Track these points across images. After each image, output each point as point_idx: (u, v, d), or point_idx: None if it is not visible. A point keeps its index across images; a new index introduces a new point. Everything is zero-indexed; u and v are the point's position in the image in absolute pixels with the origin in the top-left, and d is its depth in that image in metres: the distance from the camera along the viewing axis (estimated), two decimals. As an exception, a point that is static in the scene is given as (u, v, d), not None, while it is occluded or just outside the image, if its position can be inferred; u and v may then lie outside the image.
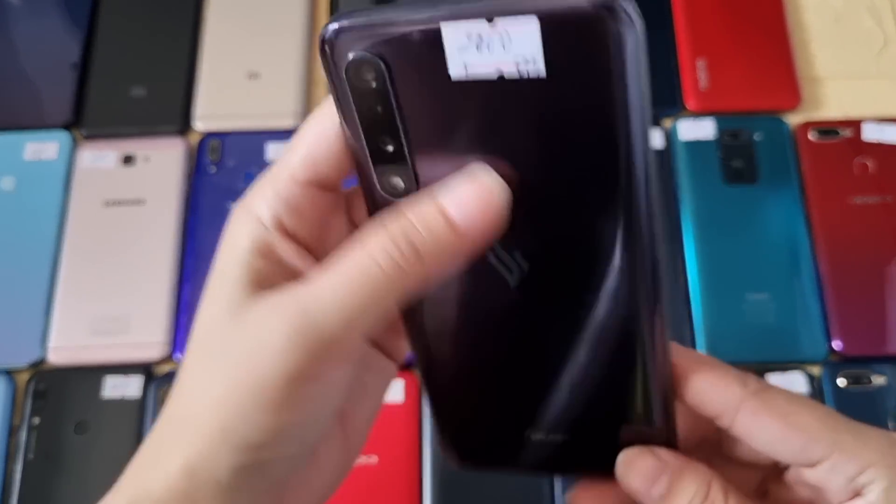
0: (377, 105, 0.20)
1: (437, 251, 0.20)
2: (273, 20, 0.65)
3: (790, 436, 0.24)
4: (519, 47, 0.18)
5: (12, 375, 0.55)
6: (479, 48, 0.18)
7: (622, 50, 0.17)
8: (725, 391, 0.24)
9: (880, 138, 0.60)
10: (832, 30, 0.65)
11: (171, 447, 0.22)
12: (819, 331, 0.54)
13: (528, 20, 0.17)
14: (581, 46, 0.17)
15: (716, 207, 0.58)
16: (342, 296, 0.20)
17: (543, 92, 0.18)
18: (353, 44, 0.19)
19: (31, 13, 0.65)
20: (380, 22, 0.19)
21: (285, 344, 0.20)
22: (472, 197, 0.20)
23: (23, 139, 0.61)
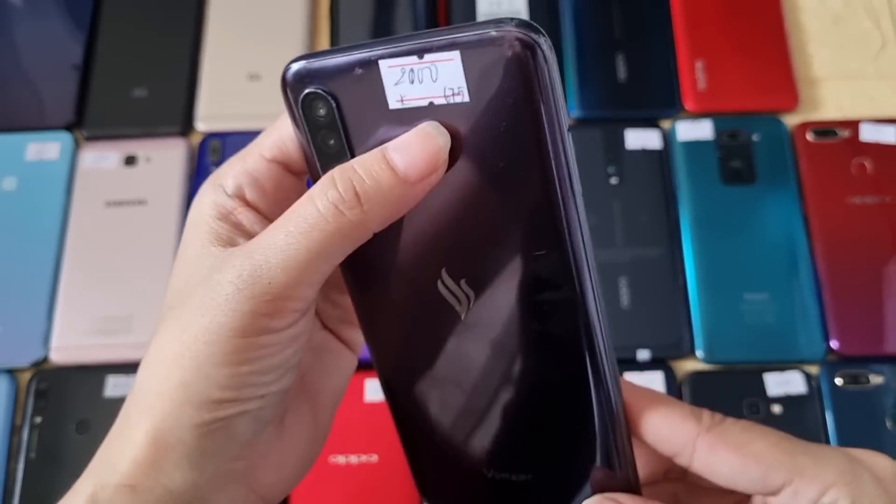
0: (328, 134, 0.22)
1: (378, 193, 0.20)
2: (274, 22, 0.65)
3: (749, 466, 0.24)
4: (446, 79, 0.20)
5: (14, 375, 0.55)
6: (413, 81, 0.20)
7: (531, 73, 0.19)
8: (681, 427, 0.24)
9: (878, 139, 0.60)
10: (830, 31, 0.65)
11: (136, 418, 0.22)
12: (817, 330, 0.55)
13: (451, 55, 0.20)
14: (496, 73, 0.20)
15: (714, 208, 0.58)
16: (283, 242, 0.20)
17: (468, 115, 0.20)
18: (307, 82, 0.22)
19: (33, 14, 0.66)
20: (329, 62, 0.21)
21: (234, 294, 0.21)
22: (414, 142, 0.21)
23: (25, 140, 0.61)
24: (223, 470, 0.23)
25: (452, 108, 0.20)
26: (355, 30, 0.65)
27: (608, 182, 0.59)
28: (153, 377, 0.22)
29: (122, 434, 0.23)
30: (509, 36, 0.19)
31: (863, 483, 0.23)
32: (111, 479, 0.22)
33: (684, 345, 0.55)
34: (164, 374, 0.22)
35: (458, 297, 0.23)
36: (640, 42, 0.64)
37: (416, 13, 0.65)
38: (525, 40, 0.19)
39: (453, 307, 0.23)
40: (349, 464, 0.51)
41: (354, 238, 0.21)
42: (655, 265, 0.57)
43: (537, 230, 0.21)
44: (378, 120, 0.21)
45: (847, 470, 0.23)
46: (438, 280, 0.23)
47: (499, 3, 0.65)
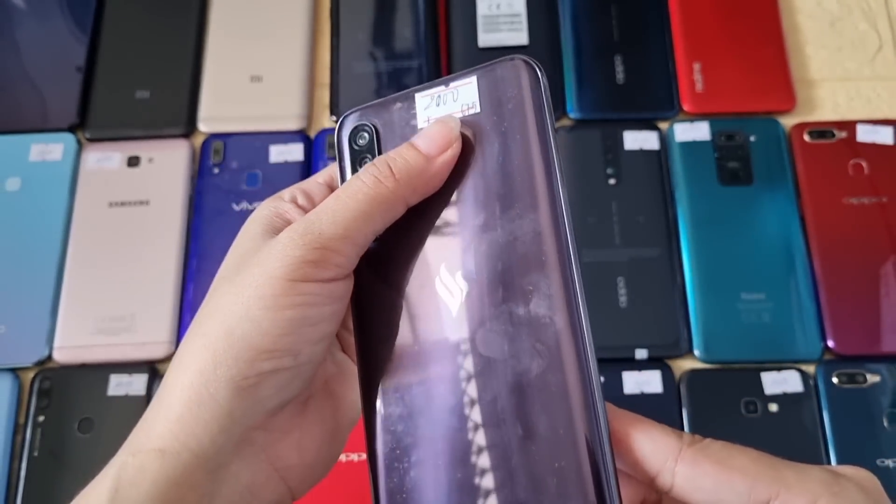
0: (367, 158, 0.27)
1: (407, 166, 0.25)
2: (276, 24, 0.66)
3: (733, 479, 0.24)
4: (464, 98, 0.26)
5: (18, 374, 0.55)
6: (438, 104, 0.27)
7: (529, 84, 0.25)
8: (663, 443, 0.24)
9: (874, 140, 0.60)
10: (827, 33, 0.66)
11: (174, 378, 0.24)
12: (814, 330, 0.55)
13: (470, 79, 0.26)
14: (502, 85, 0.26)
15: (711, 208, 0.58)
16: (333, 203, 0.25)
17: (479, 122, 0.26)
18: (355, 120, 0.28)
19: (36, 16, 0.66)
20: (374, 104, 0.28)
21: (287, 243, 0.24)
22: (434, 129, 0.26)
23: (28, 140, 0.62)
24: (248, 437, 0.24)
25: (467, 119, 0.26)
26: (356, 32, 0.66)
27: (606, 183, 0.60)
28: (199, 333, 0.24)
29: (159, 398, 0.24)
30: (516, 60, 0.26)
31: (849, 493, 0.23)
32: (144, 444, 0.24)
33: (682, 344, 0.55)
34: (213, 327, 0.24)
35: (453, 291, 0.25)
36: (638, 44, 0.64)
37: (417, 14, 0.66)
38: (526, 61, 0.26)
39: (446, 304, 0.25)
40: (350, 461, 0.52)
41: (391, 203, 0.25)
42: (653, 265, 0.57)
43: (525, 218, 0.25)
44: (406, 137, 0.27)
45: (832, 482, 0.23)
46: (437, 277, 0.26)
47: (498, 5, 0.66)
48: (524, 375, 0.24)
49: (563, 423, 0.24)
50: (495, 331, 0.24)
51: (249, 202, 0.60)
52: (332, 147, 0.29)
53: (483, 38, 0.65)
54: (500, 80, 0.26)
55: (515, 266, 0.25)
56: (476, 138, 0.26)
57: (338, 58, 0.65)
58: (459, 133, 0.26)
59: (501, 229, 0.25)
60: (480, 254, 0.25)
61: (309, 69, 0.65)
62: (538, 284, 0.24)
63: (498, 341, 0.24)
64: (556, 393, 0.24)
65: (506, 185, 0.25)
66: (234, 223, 0.59)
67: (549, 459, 0.24)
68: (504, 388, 0.24)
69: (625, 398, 0.53)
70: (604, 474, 0.23)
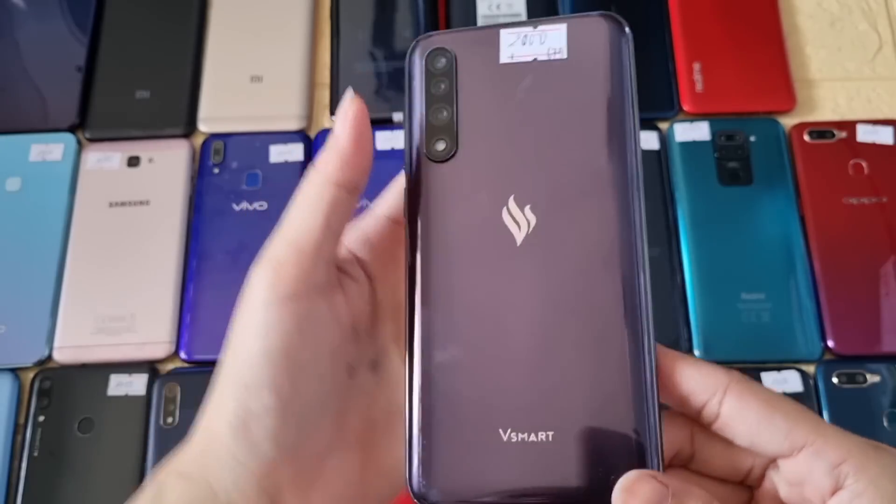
0: (441, 81, 0.27)
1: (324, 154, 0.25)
2: (276, 24, 0.66)
3: (775, 418, 0.24)
4: (551, 42, 0.26)
5: (18, 373, 0.55)
6: (524, 43, 0.27)
7: (618, 40, 0.26)
8: (713, 375, 0.24)
9: (875, 140, 0.60)
10: (827, 33, 0.66)
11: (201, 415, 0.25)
12: (814, 330, 0.55)
13: (560, 25, 0.26)
14: (592, 37, 0.26)
15: (711, 208, 0.58)
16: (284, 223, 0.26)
17: (564, 69, 0.26)
18: (435, 43, 0.27)
19: (36, 17, 0.66)
20: (457, 32, 0.28)
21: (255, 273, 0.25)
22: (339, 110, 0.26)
23: (28, 141, 0.62)
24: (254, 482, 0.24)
25: (551, 64, 0.26)
26: (356, 32, 0.66)
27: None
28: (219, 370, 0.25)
29: (197, 422, 0.25)
30: (607, 16, 0.26)
31: (884, 460, 0.23)
32: (177, 466, 0.25)
33: (682, 344, 0.55)
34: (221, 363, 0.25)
35: (520, 223, 0.26)
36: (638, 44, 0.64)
37: (417, 14, 0.66)
38: (618, 19, 0.26)
39: (512, 234, 0.25)
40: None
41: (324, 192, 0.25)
42: (653, 265, 0.57)
43: (603, 166, 0.25)
44: (486, 71, 0.27)
45: (870, 446, 0.24)
46: (504, 207, 0.26)
47: (498, 5, 0.66)
48: (583, 302, 0.25)
49: (615, 355, 0.24)
50: (555, 266, 0.25)
51: (249, 202, 0.60)
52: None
53: (483, 38, 0.65)
54: (590, 32, 0.26)
55: (585, 207, 0.25)
56: (558, 83, 0.26)
57: (338, 58, 0.65)
58: (351, 96, 0.26)
59: (575, 173, 0.25)
60: (550, 190, 0.25)
61: (309, 69, 0.65)
62: (606, 226, 0.25)
63: (561, 269, 0.25)
64: (610, 324, 0.24)
65: (584, 132, 0.26)
66: (234, 223, 0.59)
67: (597, 387, 0.24)
68: (561, 312, 0.25)
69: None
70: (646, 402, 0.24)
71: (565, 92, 0.26)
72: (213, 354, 0.56)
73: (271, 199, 0.60)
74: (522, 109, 0.26)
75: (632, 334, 0.24)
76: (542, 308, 0.25)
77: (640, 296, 0.24)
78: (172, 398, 0.54)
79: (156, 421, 0.53)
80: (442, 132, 0.27)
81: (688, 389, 0.25)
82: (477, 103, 0.27)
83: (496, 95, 0.27)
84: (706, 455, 0.26)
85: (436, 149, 0.26)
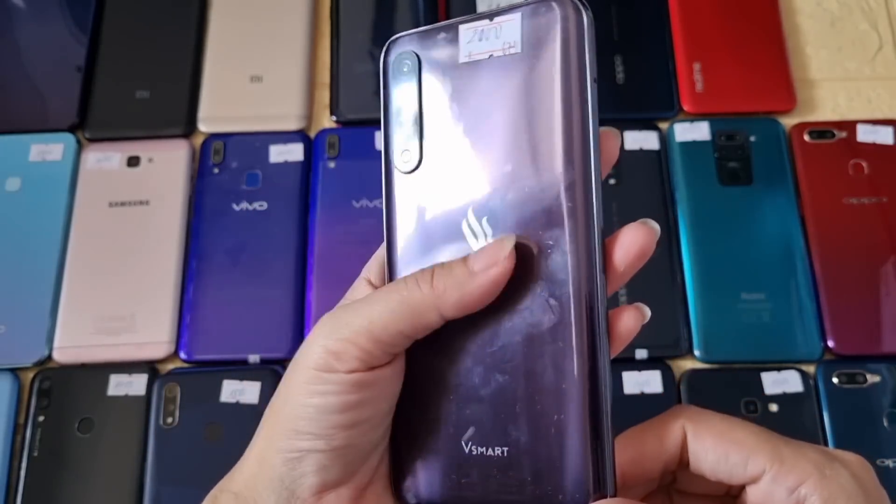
0: (408, 86, 0.27)
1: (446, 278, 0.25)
2: (275, 24, 0.66)
3: (731, 451, 0.25)
4: (506, 34, 0.25)
5: (18, 374, 0.55)
6: (481, 39, 0.26)
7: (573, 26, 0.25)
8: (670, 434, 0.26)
9: (875, 140, 0.60)
10: (828, 32, 0.66)
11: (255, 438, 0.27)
12: (814, 330, 0.55)
13: (514, 15, 0.25)
14: (546, 26, 0.25)
15: (711, 208, 0.58)
16: (369, 299, 0.26)
17: (518, 62, 0.25)
18: (400, 46, 0.28)
19: (36, 17, 0.66)
20: (419, 32, 0.27)
21: (320, 332, 0.25)
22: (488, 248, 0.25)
23: (28, 141, 0.62)
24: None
25: (507, 59, 0.26)
26: (356, 32, 0.66)
27: (607, 182, 0.60)
28: (269, 407, 0.27)
29: (247, 450, 0.27)
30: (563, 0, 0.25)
31: (839, 476, 0.24)
32: (229, 486, 0.27)
33: (682, 344, 0.55)
34: (272, 403, 0.27)
35: (477, 234, 0.26)
36: (638, 44, 0.64)
37: (417, 14, 0.66)
38: (575, 3, 0.25)
39: (470, 247, 0.26)
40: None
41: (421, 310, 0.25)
42: (653, 265, 0.57)
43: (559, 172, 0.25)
44: (447, 72, 0.27)
45: (825, 464, 0.24)
46: (464, 219, 0.26)
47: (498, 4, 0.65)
48: (535, 327, 0.25)
49: (563, 379, 0.24)
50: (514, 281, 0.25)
51: (249, 202, 0.60)
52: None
53: (483, 38, 0.65)
54: (542, 20, 0.25)
55: (539, 218, 0.25)
56: (513, 82, 0.25)
57: (338, 58, 0.65)
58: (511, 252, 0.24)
59: (528, 178, 0.25)
60: (506, 201, 0.25)
61: (309, 69, 0.65)
62: (558, 240, 0.25)
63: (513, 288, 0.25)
64: (560, 349, 0.24)
65: (537, 134, 0.25)
66: (234, 223, 0.59)
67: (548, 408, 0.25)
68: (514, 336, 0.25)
69: (625, 398, 0.53)
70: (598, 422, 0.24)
71: (520, 91, 0.25)
72: (212, 354, 0.56)
73: (271, 199, 0.60)
74: (480, 114, 0.26)
75: (586, 357, 0.24)
76: (501, 328, 0.25)
77: (595, 317, 0.24)
78: (172, 398, 0.54)
79: (156, 421, 0.53)
80: (408, 143, 0.27)
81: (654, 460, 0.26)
82: (438, 111, 0.27)
83: (456, 100, 0.26)
84: (686, 478, 0.28)
85: (403, 160, 0.27)
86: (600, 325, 0.24)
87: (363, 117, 0.63)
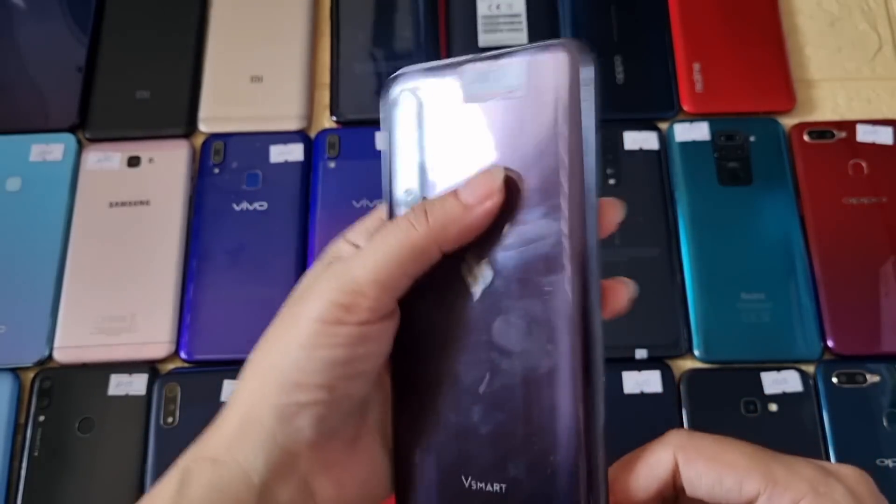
0: (410, 125, 0.27)
1: (443, 216, 0.25)
2: (276, 24, 0.66)
3: (724, 475, 0.25)
4: (510, 78, 0.25)
5: (18, 373, 0.55)
6: (485, 80, 0.26)
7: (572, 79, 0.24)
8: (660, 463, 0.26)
9: (874, 140, 0.60)
10: (827, 33, 0.66)
11: (233, 401, 0.27)
12: (814, 330, 0.55)
13: (518, 59, 0.25)
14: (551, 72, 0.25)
15: (711, 208, 0.58)
16: (368, 249, 0.26)
17: (520, 107, 0.25)
18: (402, 83, 0.28)
19: (37, 17, 0.66)
20: (422, 69, 0.27)
21: (324, 286, 0.25)
22: (478, 179, 0.25)
23: (28, 141, 0.62)
24: (291, 462, 0.26)
25: (510, 104, 0.25)
26: (356, 32, 0.66)
27: (606, 183, 0.60)
28: (256, 361, 0.27)
29: (222, 415, 0.27)
30: (567, 46, 0.25)
31: (835, 493, 0.24)
32: (203, 452, 0.26)
33: (682, 344, 0.55)
34: (263, 356, 0.26)
35: (476, 277, 0.26)
36: (638, 44, 0.64)
37: (417, 14, 0.66)
38: (578, 49, 0.25)
39: (469, 288, 0.26)
40: None
41: (421, 249, 0.25)
42: (653, 265, 0.57)
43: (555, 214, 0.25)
44: (449, 113, 0.26)
45: (821, 480, 0.24)
46: (462, 262, 0.26)
47: (498, 6, 0.66)
48: (532, 372, 0.25)
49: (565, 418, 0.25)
50: (512, 323, 0.25)
51: (249, 202, 0.60)
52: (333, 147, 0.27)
53: (483, 38, 0.65)
54: (548, 67, 0.25)
55: (538, 263, 0.25)
56: (516, 126, 0.25)
57: (338, 58, 0.65)
58: (502, 183, 0.25)
59: (528, 224, 0.25)
60: (505, 245, 0.26)
61: (309, 69, 0.65)
62: (556, 286, 0.25)
63: (513, 333, 0.25)
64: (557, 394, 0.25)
65: (537, 180, 0.25)
66: (234, 223, 0.59)
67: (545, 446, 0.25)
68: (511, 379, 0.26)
69: (625, 398, 0.53)
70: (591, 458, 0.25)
71: (522, 136, 0.25)
72: (213, 354, 0.56)
73: (271, 199, 0.60)
74: (481, 156, 0.26)
75: (583, 397, 0.25)
76: (501, 368, 0.26)
77: (592, 357, 0.25)
78: (173, 398, 0.54)
79: (156, 421, 0.53)
80: (410, 182, 0.27)
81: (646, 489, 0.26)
82: (440, 151, 0.27)
83: (457, 142, 0.27)
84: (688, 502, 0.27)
85: (406, 199, 0.28)
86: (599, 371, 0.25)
87: (363, 117, 0.63)
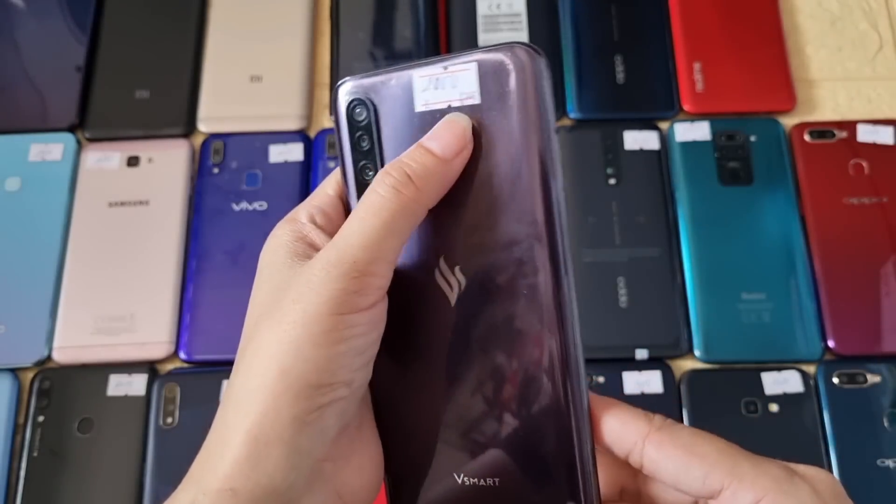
0: (364, 135, 0.27)
1: (425, 171, 0.25)
2: (275, 24, 0.66)
3: (692, 464, 0.25)
4: (463, 84, 0.25)
5: (17, 374, 0.55)
6: (436, 88, 0.26)
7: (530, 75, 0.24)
8: (633, 425, 0.26)
9: (875, 139, 0.60)
10: (828, 32, 0.66)
11: (234, 419, 0.24)
12: (814, 330, 0.55)
13: (469, 65, 0.25)
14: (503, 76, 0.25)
15: (712, 208, 0.58)
16: (358, 225, 0.24)
17: (477, 114, 0.25)
18: (353, 93, 0.27)
19: (36, 17, 0.66)
20: (372, 78, 0.27)
21: (325, 277, 0.24)
22: (443, 129, 0.25)
23: (28, 140, 0.62)
24: (316, 469, 0.25)
25: (465, 109, 0.25)
26: (356, 32, 0.66)
27: (607, 183, 0.60)
28: (252, 374, 0.24)
29: (221, 438, 0.24)
30: (517, 49, 0.24)
31: (799, 493, 0.24)
32: (211, 484, 0.23)
33: (682, 344, 0.55)
34: (265, 367, 0.24)
35: (451, 283, 0.26)
36: (639, 44, 0.64)
37: (417, 14, 0.66)
38: (528, 51, 0.24)
39: (445, 294, 0.26)
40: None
41: (414, 212, 0.25)
42: (654, 265, 0.57)
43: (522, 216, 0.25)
44: (404, 121, 0.26)
45: (785, 480, 0.24)
46: (436, 268, 0.26)
47: (498, 5, 0.66)
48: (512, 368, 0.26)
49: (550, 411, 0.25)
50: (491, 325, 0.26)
51: (249, 202, 0.60)
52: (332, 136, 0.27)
53: (483, 38, 0.65)
54: (499, 70, 0.25)
55: (511, 266, 0.25)
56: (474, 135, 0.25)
57: (338, 58, 0.65)
58: (471, 133, 0.25)
59: (495, 230, 0.25)
60: (477, 250, 0.26)
61: (309, 69, 0.65)
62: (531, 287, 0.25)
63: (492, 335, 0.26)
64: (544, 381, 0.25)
65: (500, 185, 0.25)
66: (233, 223, 0.59)
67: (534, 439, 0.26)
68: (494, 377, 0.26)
69: (625, 398, 0.53)
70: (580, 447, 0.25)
71: (482, 142, 0.25)
72: (212, 354, 0.56)
73: (271, 199, 0.60)
74: None
75: (565, 388, 0.25)
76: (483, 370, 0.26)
77: (571, 350, 0.25)
78: (172, 398, 0.54)
79: (155, 421, 0.53)
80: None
81: (609, 441, 0.26)
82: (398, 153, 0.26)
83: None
84: (652, 491, 0.28)
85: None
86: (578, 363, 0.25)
87: (363, 117, 0.62)
